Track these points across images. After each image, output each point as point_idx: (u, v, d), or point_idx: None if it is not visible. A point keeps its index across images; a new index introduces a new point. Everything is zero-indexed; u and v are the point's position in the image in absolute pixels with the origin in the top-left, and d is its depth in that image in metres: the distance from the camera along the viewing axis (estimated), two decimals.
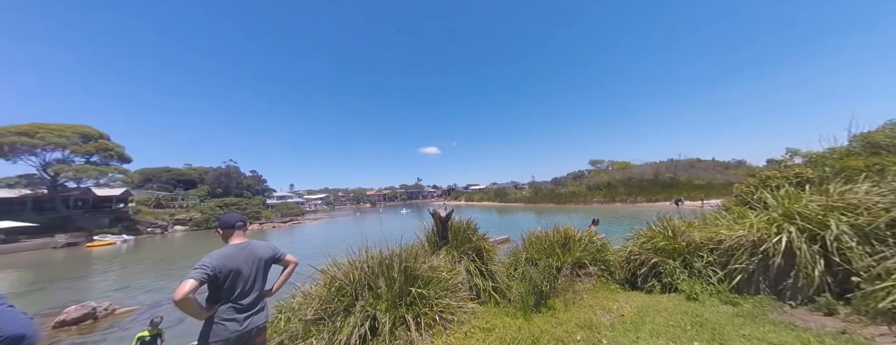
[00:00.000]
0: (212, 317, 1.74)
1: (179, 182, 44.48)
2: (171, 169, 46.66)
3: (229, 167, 47.89)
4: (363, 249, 3.24)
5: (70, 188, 29.83)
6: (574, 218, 6.90)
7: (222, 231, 2.00)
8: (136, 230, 28.82)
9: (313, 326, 2.69)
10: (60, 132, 27.93)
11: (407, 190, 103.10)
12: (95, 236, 25.01)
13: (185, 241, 25.65)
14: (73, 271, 14.66)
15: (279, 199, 61.95)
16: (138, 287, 10.70)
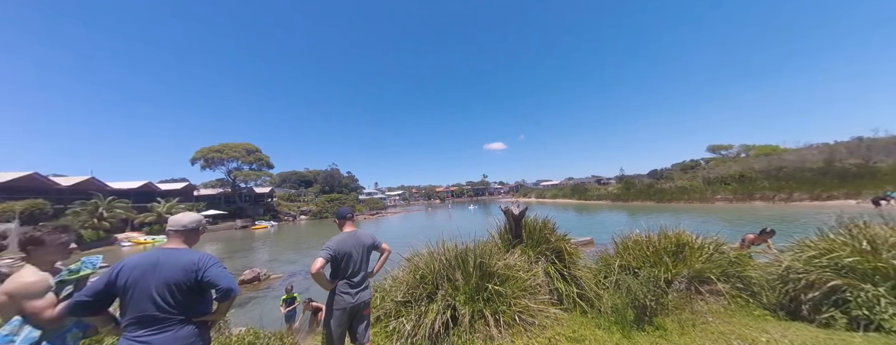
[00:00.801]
0: (334, 289, 2.21)
1: (301, 182, 59.45)
2: (296, 172, 62.48)
3: (333, 170, 61.13)
4: (440, 241, 3.36)
5: (242, 187, 44.34)
6: (685, 220, 5.27)
7: (338, 221, 2.48)
8: (278, 218, 41.06)
9: (402, 306, 2.92)
10: (235, 148, 41.79)
11: (473, 187, 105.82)
12: (256, 222, 37.11)
13: (307, 227, 34.29)
14: (245, 245, 21.59)
15: (368, 195, 73.39)
16: (282, 260, 15.07)
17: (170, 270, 1.50)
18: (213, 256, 1.62)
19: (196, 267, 1.53)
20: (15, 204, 20.71)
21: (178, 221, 1.71)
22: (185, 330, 1.50)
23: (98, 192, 25.66)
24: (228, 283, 1.57)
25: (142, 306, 1.45)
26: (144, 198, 31.31)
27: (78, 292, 1.53)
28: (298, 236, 26.61)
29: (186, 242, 1.69)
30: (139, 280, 1.46)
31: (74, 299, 1.44)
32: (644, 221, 4.88)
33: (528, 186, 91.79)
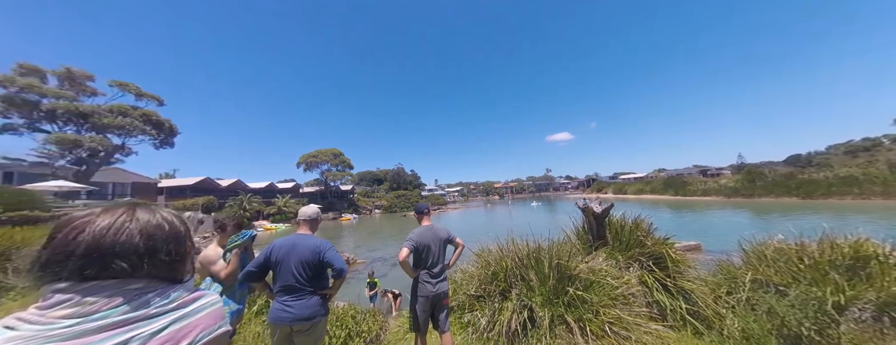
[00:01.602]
0: (417, 278, 2.39)
1: (374, 180, 66.84)
2: (370, 172, 70.35)
3: (399, 169, 66.84)
4: (509, 239, 3.27)
5: (332, 186, 52.66)
6: (854, 223, 4.03)
7: (417, 215, 2.69)
8: (358, 211, 47.50)
9: (475, 300, 2.95)
10: (325, 153, 49.66)
11: (535, 182, 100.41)
12: (343, 214, 43.69)
13: (380, 220, 38.66)
14: (336, 233, 25.26)
15: (429, 191, 77.99)
16: (365, 247, 17.47)
17: (303, 251, 1.91)
18: (329, 242, 1.98)
19: (319, 249, 1.92)
20: (198, 199, 29.27)
21: (305, 212, 2.14)
22: (314, 299, 1.90)
23: (242, 190, 34.24)
24: (341, 264, 1.93)
25: (286, 278, 1.88)
26: (269, 194, 40.08)
27: (248, 263, 2.02)
28: (375, 228, 30.22)
29: (311, 228, 2.12)
30: (284, 258, 1.89)
31: (246, 269, 1.95)
32: (782, 224, 4.04)
33: (603, 180, 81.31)
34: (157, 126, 22.54)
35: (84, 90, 20.10)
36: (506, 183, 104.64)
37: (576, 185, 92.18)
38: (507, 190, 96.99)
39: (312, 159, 46.73)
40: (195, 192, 31.03)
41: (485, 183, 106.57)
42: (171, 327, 0.52)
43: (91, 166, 20.21)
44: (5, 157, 19.40)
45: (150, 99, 22.86)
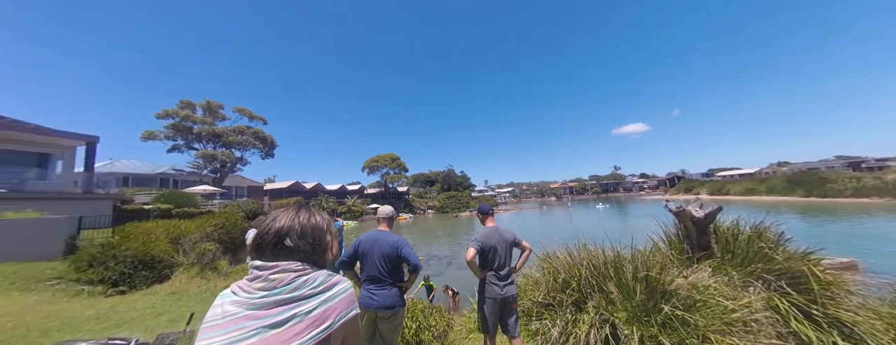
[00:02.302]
0: (484, 278, 2.34)
1: (427, 181, 69.75)
2: (423, 174, 73.71)
3: (449, 170, 68.36)
4: (579, 244, 3.03)
5: (390, 187, 57.09)
6: None
7: (480, 216, 2.58)
8: (413, 211, 50.39)
9: (544, 308, 2.80)
10: (384, 158, 54.07)
11: (599, 182, 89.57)
12: (400, 213, 46.88)
13: (433, 220, 40.65)
14: (395, 231, 30.08)
15: (479, 192, 77.71)
16: (420, 245, 18.39)
17: (383, 245, 2.11)
18: (405, 240, 2.16)
19: (397, 245, 2.11)
20: (290, 199, 35.16)
21: (383, 211, 2.37)
22: (393, 291, 2.09)
23: (321, 192, 39.82)
24: (416, 261, 2.11)
25: (370, 269, 2.09)
26: (340, 195, 45.66)
27: (342, 254, 2.29)
28: (428, 227, 31.56)
29: (389, 225, 2.32)
30: (368, 251, 2.12)
31: (340, 259, 2.20)
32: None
33: (693, 177, 66.78)
34: (263, 141, 28.00)
35: (217, 116, 26.30)
36: (564, 183, 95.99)
37: (654, 184, 78.36)
38: (565, 191, 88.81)
39: (374, 164, 51.43)
40: (288, 193, 37.33)
41: (539, 183, 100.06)
42: (318, 309, 0.63)
43: (222, 174, 26.31)
44: (174, 168, 26.70)
45: (258, 119, 28.55)
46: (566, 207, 46.65)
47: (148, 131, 23.29)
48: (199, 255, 7.35)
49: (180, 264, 7.24)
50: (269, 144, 28.86)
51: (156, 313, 3.97)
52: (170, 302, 4.49)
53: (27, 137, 10.79)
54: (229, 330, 0.58)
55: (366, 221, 38.42)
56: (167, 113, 23.61)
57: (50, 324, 3.48)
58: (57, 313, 3.90)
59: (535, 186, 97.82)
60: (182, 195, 15.03)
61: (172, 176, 25.97)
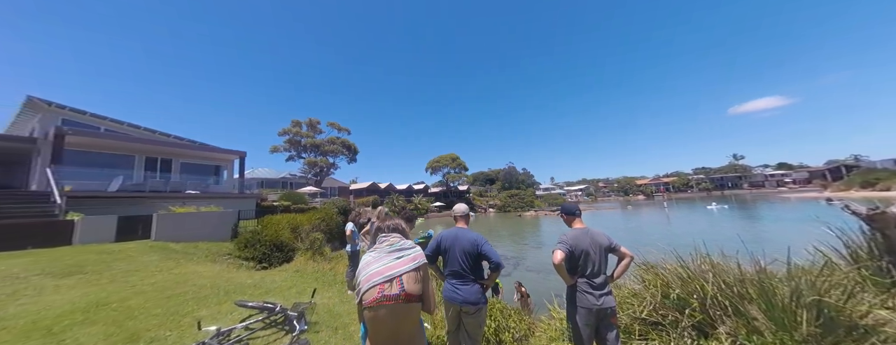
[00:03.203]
0: (574, 285, 2.08)
1: (487, 180, 68.85)
2: (483, 172, 73.13)
3: (510, 168, 65.90)
4: (699, 255, 2.52)
5: (451, 186, 58.69)
6: None
7: (566, 217, 2.34)
8: (474, 210, 50.51)
9: (650, 327, 2.39)
10: (445, 158, 55.91)
11: (709, 175, 69.68)
12: None
13: (495, 219, 40.24)
14: None
15: (544, 190, 72.10)
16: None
17: (464, 242, 2.13)
18: (484, 237, 2.14)
19: (477, 242, 2.11)
20: (368, 198, 39.91)
21: (460, 209, 2.39)
22: (476, 287, 2.10)
23: (392, 191, 43.92)
24: (497, 258, 2.07)
25: (453, 265, 2.13)
26: (408, 194, 49.44)
27: (426, 249, 2.30)
28: (490, 226, 31.06)
29: (466, 222, 2.36)
30: (450, 247, 2.17)
31: (426, 252, 2.12)
32: None
33: (874, 166, 42.05)
34: (348, 148, 32.86)
35: (316, 130, 32.02)
36: (656, 178, 78.56)
37: (804, 177, 56.15)
38: (660, 187, 72.13)
39: (436, 164, 53.69)
40: (367, 192, 42.41)
41: (620, 180, 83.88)
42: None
43: (321, 178, 31.92)
44: (290, 173, 33.58)
45: (344, 131, 33.59)
46: (661, 208, 37.70)
47: (274, 146, 30.09)
48: (311, 242, 8.99)
49: (299, 249, 9.04)
50: (353, 150, 33.62)
51: (287, 286, 5.01)
52: (295, 278, 5.62)
53: (208, 155, 15.26)
54: (380, 257, 1.38)
55: (430, 218, 40.40)
56: (285, 131, 29.99)
57: (229, 286, 4.80)
58: (231, 278, 5.35)
59: (616, 182, 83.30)
60: (296, 194, 18.80)
61: (289, 179, 32.79)
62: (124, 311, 3.61)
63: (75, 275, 4.89)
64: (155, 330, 3.14)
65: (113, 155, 12.02)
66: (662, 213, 30.68)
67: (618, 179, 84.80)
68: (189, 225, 8.87)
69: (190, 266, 6.11)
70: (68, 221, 7.39)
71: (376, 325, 1.14)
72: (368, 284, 1.19)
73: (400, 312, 1.15)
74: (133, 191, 11.07)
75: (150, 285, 4.69)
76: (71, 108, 12.06)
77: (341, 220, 14.19)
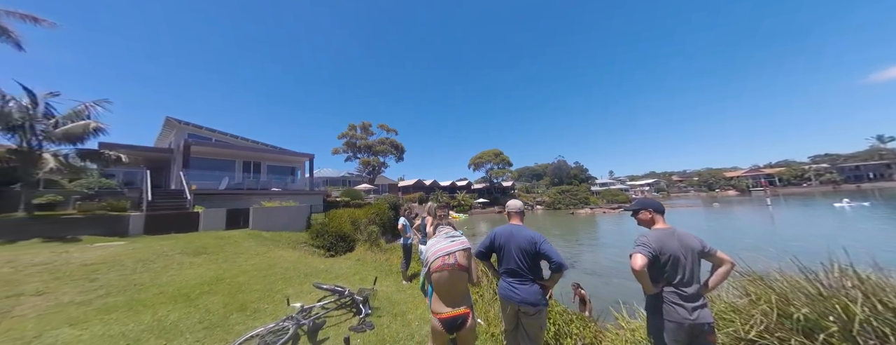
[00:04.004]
0: (659, 295, 1.75)
1: (533, 175, 65.47)
2: (528, 167, 69.79)
3: (560, 162, 61.20)
4: (833, 264, 2.06)
5: (494, 182, 57.43)
6: None
7: (648, 214, 1.94)
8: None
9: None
10: (488, 154, 54.70)
11: (836, 164, 54.11)
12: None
13: (543, 217, 37.64)
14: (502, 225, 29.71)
15: (601, 185, 64.83)
16: None
17: (520, 239, 2.03)
18: (543, 235, 2.01)
19: (535, 241, 1.99)
20: (414, 194, 41.76)
21: (514, 205, 2.31)
22: (535, 287, 1.98)
23: (436, 188, 45.09)
24: (559, 258, 1.89)
25: (509, 262, 2.04)
26: (451, 190, 50.14)
27: (478, 246, 2.26)
28: (538, 225, 29.35)
29: (520, 219, 2.26)
30: (504, 244, 2.08)
31: (478, 249, 2.20)
32: None
33: None
34: (396, 148, 34.87)
35: (368, 132, 34.73)
36: (754, 169, 63.17)
37: None
38: (759, 180, 58.24)
39: (478, 160, 53.10)
40: (413, 189, 44.42)
41: (702, 172, 69.62)
42: (461, 238, 1.95)
43: (374, 176, 34.59)
44: (348, 172, 37.14)
45: (392, 131, 35.69)
46: (761, 205, 29.63)
47: (335, 148, 33.70)
48: (369, 234, 9.78)
49: (358, 240, 9.95)
50: (400, 149, 35.56)
51: (352, 273, 5.54)
52: (357, 266, 6.18)
53: (286, 158, 17.82)
54: (440, 240, 1.93)
55: (474, 215, 40.24)
56: (343, 134, 33.30)
57: (307, 269, 5.52)
58: (308, 263, 6.15)
59: (696, 175, 69.44)
60: (354, 191, 20.70)
61: (348, 178, 36.30)
62: (235, 285, 4.44)
63: (202, 255, 6.23)
64: (256, 303, 3.78)
65: (221, 160, 14.96)
66: (763, 211, 24.50)
67: (698, 172, 70.73)
68: (275, 217, 10.51)
69: (277, 251, 7.22)
70: (195, 212, 9.46)
71: (440, 283, 1.77)
72: (434, 256, 1.81)
73: (455, 275, 1.77)
74: (234, 189, 13.60)
75: (251, 265, 5.69)
76: (193, 124, 15.38)
77: (392, 215, 15.12)
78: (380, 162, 34.11)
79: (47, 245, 6.43)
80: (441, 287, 1.75)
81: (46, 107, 8.15)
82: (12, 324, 3.05)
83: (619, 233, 19.16)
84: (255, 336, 2.78)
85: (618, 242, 14.90)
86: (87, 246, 6.47)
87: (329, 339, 2.88)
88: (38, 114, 7.86)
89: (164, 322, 3.17)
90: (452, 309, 1.69)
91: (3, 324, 3.06)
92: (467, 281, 1.81)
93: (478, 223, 29.19)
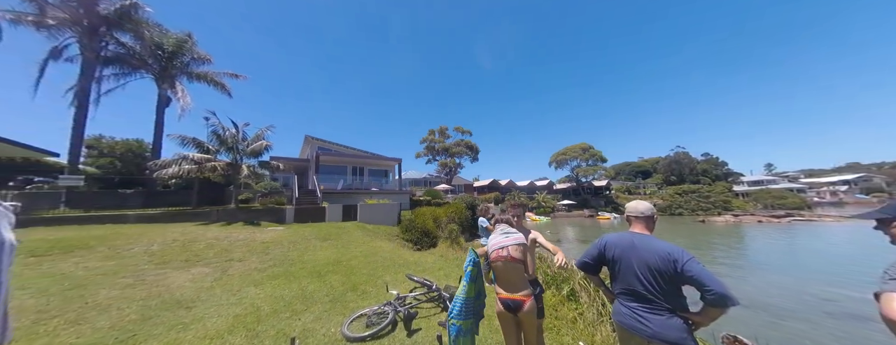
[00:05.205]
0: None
1: (637, 173, 53.72)
2: (630, 163, 57.72)
3: (678, 154, 47.68)
4: None
5: (583, 181, 50.12)
6: None
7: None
8: (619, 211, 40.68)
9: None
10: (573, 149, 47.99)
11: None
12: (599, 212, 39.50)
13: (659, 224, 31.35)
14: (593, 233, 22.42)
15: (753, 184, 47.87)
16: None
17: (647, 254, 1.53)
18: (686, 251, 1.46)
19: (673, 258, 1.45)
20: (490, 195, 41.16)
21: (636, 208, 1.74)
22: (675, 321, 1.44)
23: (512, 188, 43.11)
24: (721, 287, 1.30)
25: (630, 281, 1.58)
26: (530, 191, 46.87)
27: (582, 255, 1.90)
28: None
29: (647, 227, 1.70)
30: (621, 257, 1.62)
31: (582, 260, 1.84)
32: None
33: None
34: (471, 149, 35.44)
35: (445, 135, 36.65)
36: None
37: None
38: None
39: (561, 157, 47.55)
40: (488, 189, 43.94)
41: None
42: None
43: (450, 176, 36.20)
44: (429, 174, 40.20)
45: (466, 132, 36.47)
46: None
47: (418, 152, 37.12)
48: (450, 232, 10.12)
49: (440, 237, 10.46)
50: (475, 150, 35.94)
51: (437, 268, 5.76)
52: (441, 262, 6.41)
53: (381, 162, 20.76)
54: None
55: (557, 218, 36.24)
56: (423, 139, 36.34)
57: (399, 260, 6.10)
58: (400, 255, 6.82)
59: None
60: (435, 191, 22.14)
61: (428, 179, 39.35)
62: (349, 268, 5.31)
63: (328, 240, 7.83)
64: (364, 285, 4.37)
65: (338, 166, 18.77)
66: None
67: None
68: (375, 212, 12.29)
69: (377, 242, 8.35)
70: (323, 207, 12.10)
71: (498, 272, 1.99)
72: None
73: (508, 266, 1.92)
74: (346, 189, 16.76)
75: (359, 252, 6.73)
76: (321, 139, 19.94)
77: (469, 214, 15.27)
78: (456, 163, 35.40)
79: (245, 227, 9.51)
80: (499, 275, 2.00)
81: (243, 133, 12.15)
82: (227, 280, 4.54)
83: (784, 247, 13.64)
84: (364, 315, 3.17)
85: (809, 265, 10.24)
86: (264, 229, 9.18)
87: (421, 330, 2.98)
88: (239, 138, 11.82)
89: (305, 291, 4.03)
90: (510, 294, 1.90)
91: (223, 279, 4.59)
92: (523, 272, 1.98)
93: (563, 228, 26.04)
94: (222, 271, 4.93)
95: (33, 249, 5.18)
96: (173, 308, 3.38)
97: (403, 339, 2.78)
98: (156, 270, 4.79)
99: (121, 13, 11.81)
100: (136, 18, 12.22)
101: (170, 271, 4.74)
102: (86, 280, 4.11)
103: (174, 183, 13.20)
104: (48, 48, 11.75)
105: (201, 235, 7.26)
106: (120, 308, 3.32)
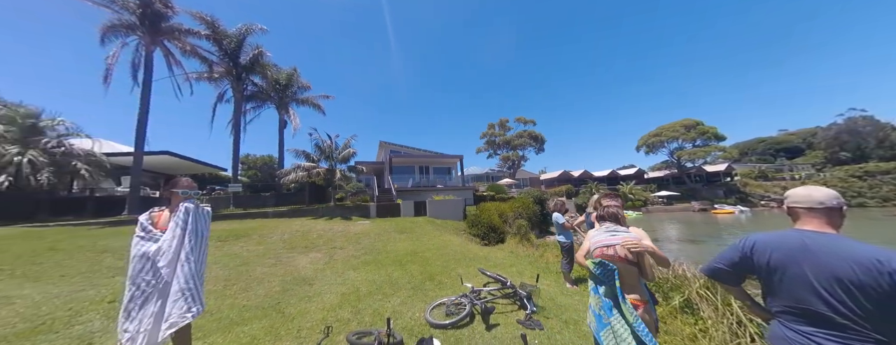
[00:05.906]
0: None
1: (779, 151, 39.56)
2: (764, 139, 42.94)
3: (853, 120, 32.76)
4: None
5: (689, 167, 39.93)
6: None
7: None
8: (749, 202, 30.81)
9: None
10: (671, 128, 38.75)
11: None
12: (716, 205, 30.79)
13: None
14: (712, 231, 17.50)
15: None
16: None
17: (833, 259, 1.13)
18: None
19: (889, 267, 1.03)
20: (561, 187, 37.40)
21: (808, 196, 1.25)
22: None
23: (588, 179, 38.00)
24: None
25: (799, 296, 1.19)
26: (612, 182, 40.45)
27: (714, 260, 1.48)
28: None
29: (830, 224, 1.23)
30: (787, 264, 1.22)
31: (714, 265, 1.43)
32: None
33: None
34: (535, 139, 33.07)
35: (505, 128, 35.32)
36: None
37: None
38: None
39: (654, 139, 39.20)
40: (558, 182, 40.09)
41: None
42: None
43: (514, 170, 34.72)
44: (491, 168, 39.58)
45: (530, 123, 34.23)
46: None
47: (479, 147, 37.08)
48: (518, 228, 9.74)
49: (508, 232, 10.18)
50: (540, 140, 33.30)
51: (508, 264, 5.64)
52: (511, 258, 6.25)
53: (444, 160, 21.66)
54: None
55: (651, 213, 30.17)
56: (484, 134, 35.99)
57: (469, 254, 6.25)
58: (469, 249, 6.97)
59: None
60: (498, 186, 21.68)
61: (491, 173, 38.76)
62: (424, 259, 5.76)
63: (404, 233, 8.68)
64: (439, 276, 4.67)
65: (407, 166, 20.58)
66: None
67: None
68: (442, 208, 12.94)
69: (446, 236, 8.77)
70: (398, 204, 13.48)
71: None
72: (595, 246, 1.85)
73: (619, 267, 1.74)
74: (415, 186, 18.17)
75: (432, 245, 7.22)
76: (392, 143, 22.29)
77: (537, 209, 14.28)
78: (519, 156, 33.65)
79: (342, 221, 11.48)
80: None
81: (335, 143, 14.64)
82: (334, 264, 5.57)
83: None
84: (442, 304, 3.38)
85: None
86: (355, 223, 10.87)
87: (500, 326, 2.97)
88: (333, 148, 14.30)
89: (391, 277, 4.59)
90: None
91: (331, 263, 5.65)
92: (637, 274, 1.79)
93: (660, 225, 21.46)
94: (330, 256, 6.09)
95: (218, 237, 7.56)
96: (301, 284, 4.38)
97: (483, 332, 2.84)
98: (287, 253, 6.29)
99: (253, 61, 15.85)
100: (263, 62, 16.20)
101: (296, 255, 6.15)
102: (248, 259, 5.75)
103: (293, 186, 17.02)
104: (215, 94, 16.82)
105: (313, 228, 9.13)
106: (269, 281, 4.51)
